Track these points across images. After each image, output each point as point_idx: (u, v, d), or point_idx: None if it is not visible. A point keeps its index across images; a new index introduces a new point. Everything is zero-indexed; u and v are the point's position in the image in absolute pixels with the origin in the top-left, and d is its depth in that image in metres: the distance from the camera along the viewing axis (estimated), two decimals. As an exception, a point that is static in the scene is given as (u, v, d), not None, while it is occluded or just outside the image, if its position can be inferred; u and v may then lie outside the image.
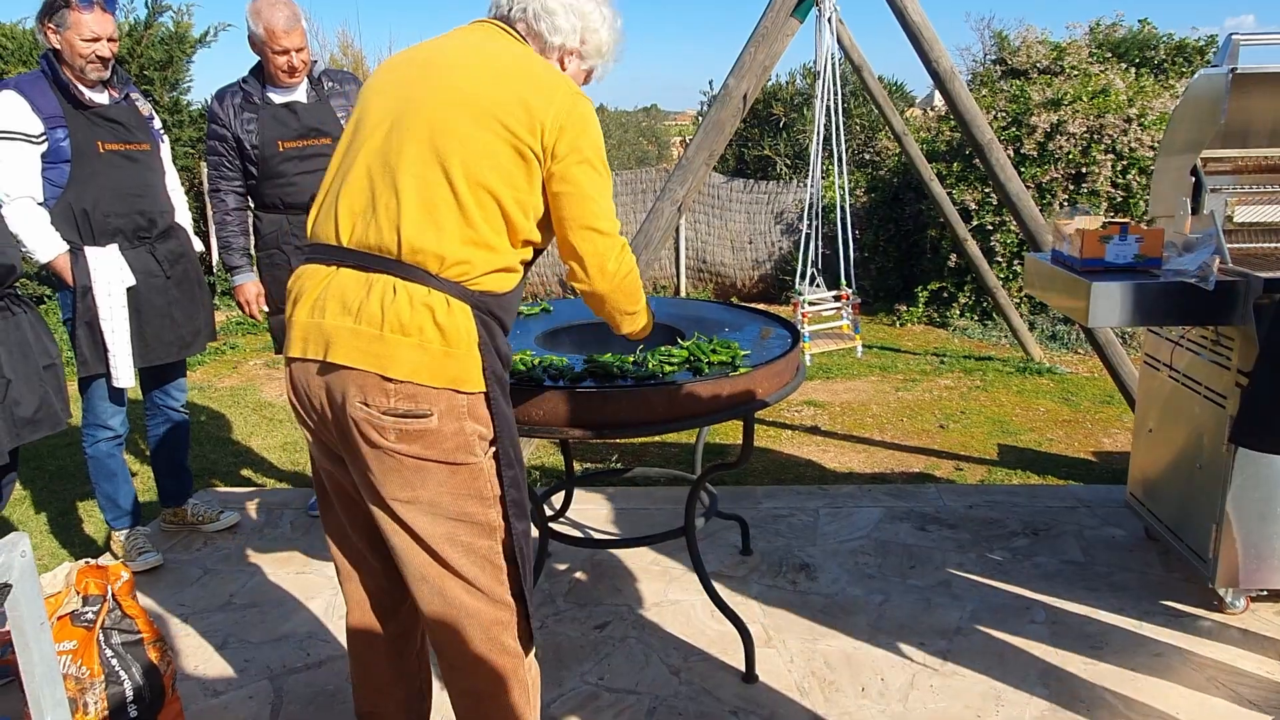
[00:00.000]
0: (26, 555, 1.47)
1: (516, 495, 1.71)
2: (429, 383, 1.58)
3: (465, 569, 1.68)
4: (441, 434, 1.60)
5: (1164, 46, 8.55)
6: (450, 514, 1.65)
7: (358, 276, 1.62)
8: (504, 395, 1.69)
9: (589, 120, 1.67)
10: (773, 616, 2.77)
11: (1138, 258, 2.52)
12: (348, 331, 1.59)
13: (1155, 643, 2.56)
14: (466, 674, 1.74)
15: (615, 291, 1.75)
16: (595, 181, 1.66)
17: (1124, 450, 4.52)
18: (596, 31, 1.80)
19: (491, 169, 1.60)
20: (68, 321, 3.02)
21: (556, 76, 1.69)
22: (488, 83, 1.63)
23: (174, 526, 3.47)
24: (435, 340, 1.58)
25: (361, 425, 1.60)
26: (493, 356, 1.65)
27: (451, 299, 1.60)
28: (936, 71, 3.85)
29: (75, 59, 2.83)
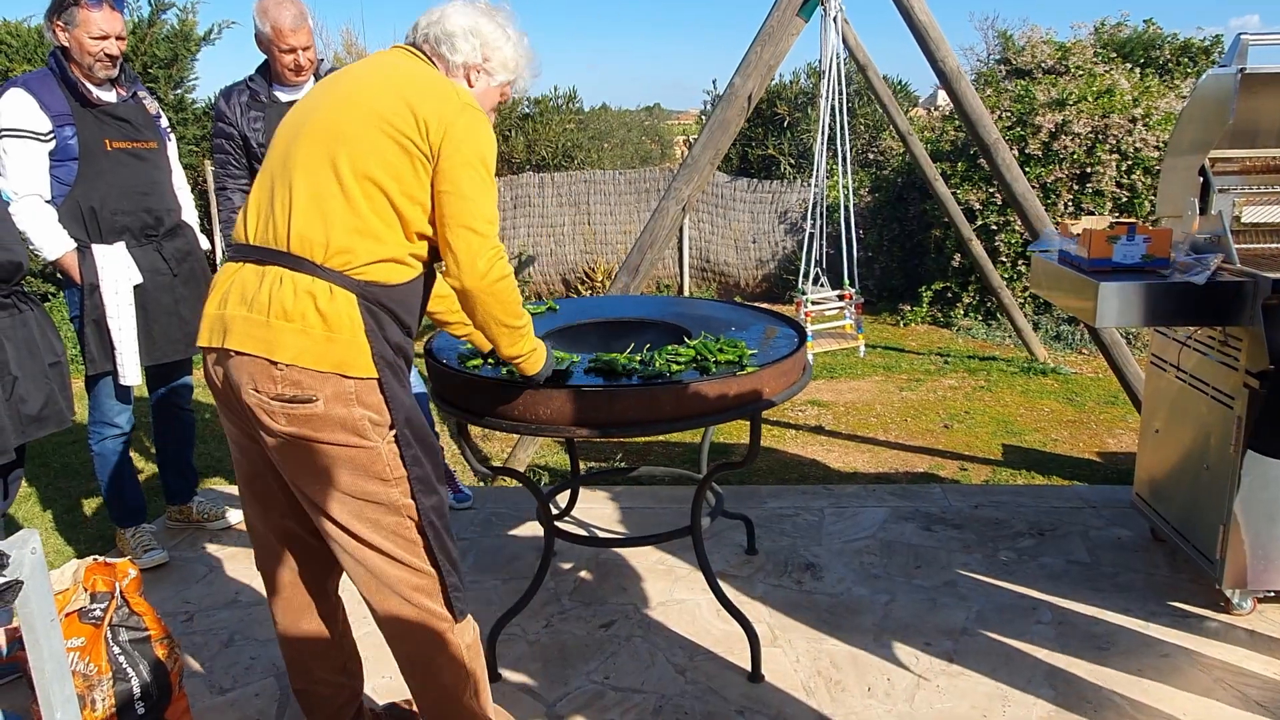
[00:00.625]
0: (37, 552, 1.47)
1: (421, 472, 1.79)
2: (313, 366, 1.68)
3: (378, 542, 1.78)
4: (329, 418, 1.70)
5: (1169, 46, 8.53)
6: (352, 493, 1.75)
7: (256, 270, 1.75)
8: (396, 379, 1.77)
9: (476, 128, 1.77)
10: (778, 616, 2.77)
11: (1145, 258, 2.52)
12: (241, 319, 1.71)
13: (1162, 644, 2.55)
14: (401, 640, 1.86)
15: (485, 293, 1.80)
16: (475, 183, 1.75)
17: (1129, 451, 4.52)
18: (499, 49, 1.93)
19: (377, 163, 1.71)
20: (75, 319, 3.02)
21: (449, 88, 1.80)
22: (378, 90, 1.77)
23: (179, 524, 3.47)
24: (317, 326, 1.68)
25: (256, 411, 1.71)
26: (383, 344, 1.74)
27: (335, 287, 1.70)
28: (943, 71, 3.84)
29: (84, 57, 2.83)
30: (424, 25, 1.92)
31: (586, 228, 9.52)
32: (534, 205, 9.60)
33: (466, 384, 2.25)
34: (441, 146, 1.72)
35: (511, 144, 10.81)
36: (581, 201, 9.55)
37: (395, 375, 1.76)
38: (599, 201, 9.55)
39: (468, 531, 3.41)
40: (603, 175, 9.63)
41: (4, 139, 2.81)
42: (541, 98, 11.12)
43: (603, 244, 9.50)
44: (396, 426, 1.76)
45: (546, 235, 9.58)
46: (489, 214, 1.77)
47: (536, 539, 3.32)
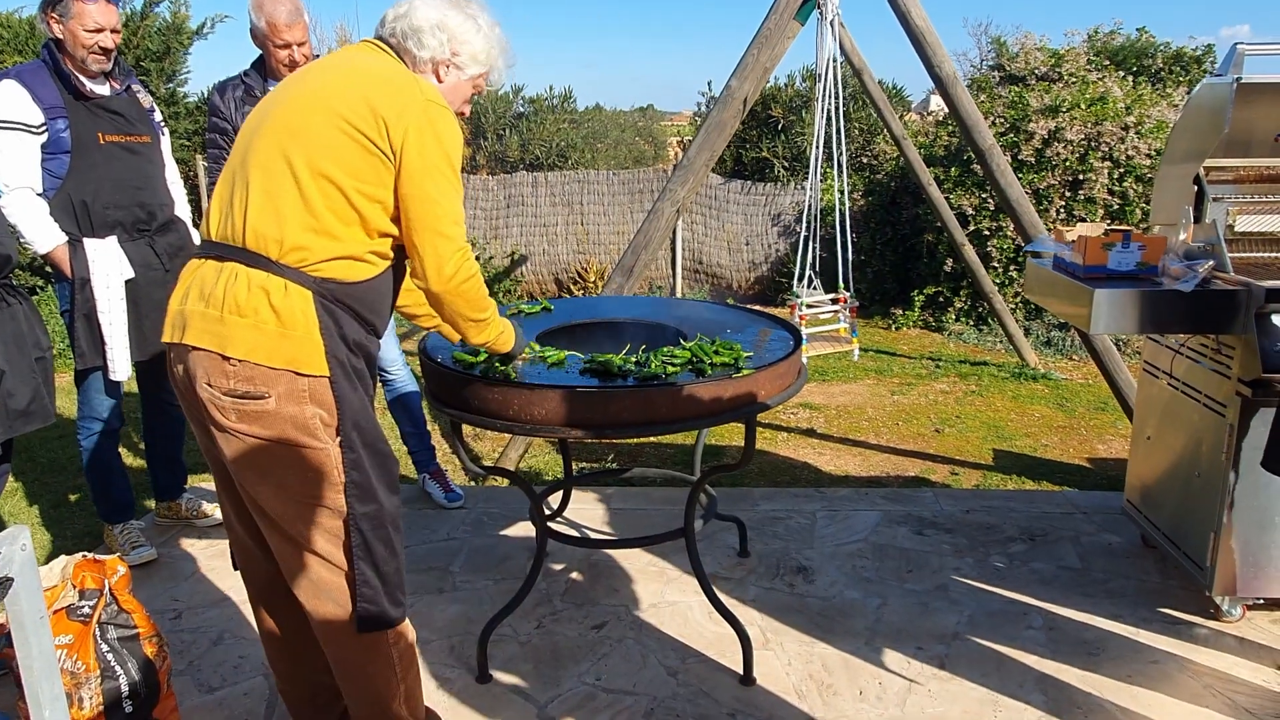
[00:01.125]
0: (27, 549, 1.45)
1: (359, 477, 1.77)
2: (265, 362, 1.67)
3: (319, 546, 1.76)
4: (280, 416, 1.69)
5: (1161, 55, 8.58)
6: (298, 496, 1.74)
7: (215, 266, 1.74)
8: (348, 379, 1.76)
9: (440, 126, 1.74)
10: (770, 619, 2.77)
11: (1140, 265, 2.53)
12: (199, 314, 1.71)
13: (1152, 650, 2.56)
14: (333, 645, 1.85)
15: (452, 294, 1.82)
16: (440, 185, 1.74)
17: (1119, 457, 4.54)
18: (467, 42, 1.89)
19: (334, 161, 1.69)
20: (65, 313, 2.99)
21: (412, 85, 1.77)
22: (339, 87, 1.74)
23: (168, 520, 3.45)
24: (270, 321, 1.67)
25: (208, 406, 1.71)
26: (337, 342, 1.73)
27: (290, 284, 1.69)
28: (939, 76, 3.85)
29: (78, 49, 2.81)
30: (391, 19, 1.88)
31: (579, 228, 9.51)
32: (527, 204, 9.59)
33: (461, 383, 2.24)
34: (404, 147, 1.70)
35: (506, 143, 10.79)
36: (575, 201, 9.54)
37: (347, 375, 1.76)
38: (592, 202, 9.54)
39: (459, 531, 3.40)
40: (596, 175, 9.63)
41: (-5, 131, 2.78)
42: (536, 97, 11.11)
43: (595, 244, 9.49)
44: (343, 429, 1.74)
45: (539, 235, 9.57)
46: (454, 214, 1.77)
47: (528, 539, 3.31)
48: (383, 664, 1.86)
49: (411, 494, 3.74)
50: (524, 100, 11.14)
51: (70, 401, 5.31)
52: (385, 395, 3.63)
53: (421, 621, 2.79)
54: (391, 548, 1.84)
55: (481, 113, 10.99)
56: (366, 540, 1.78)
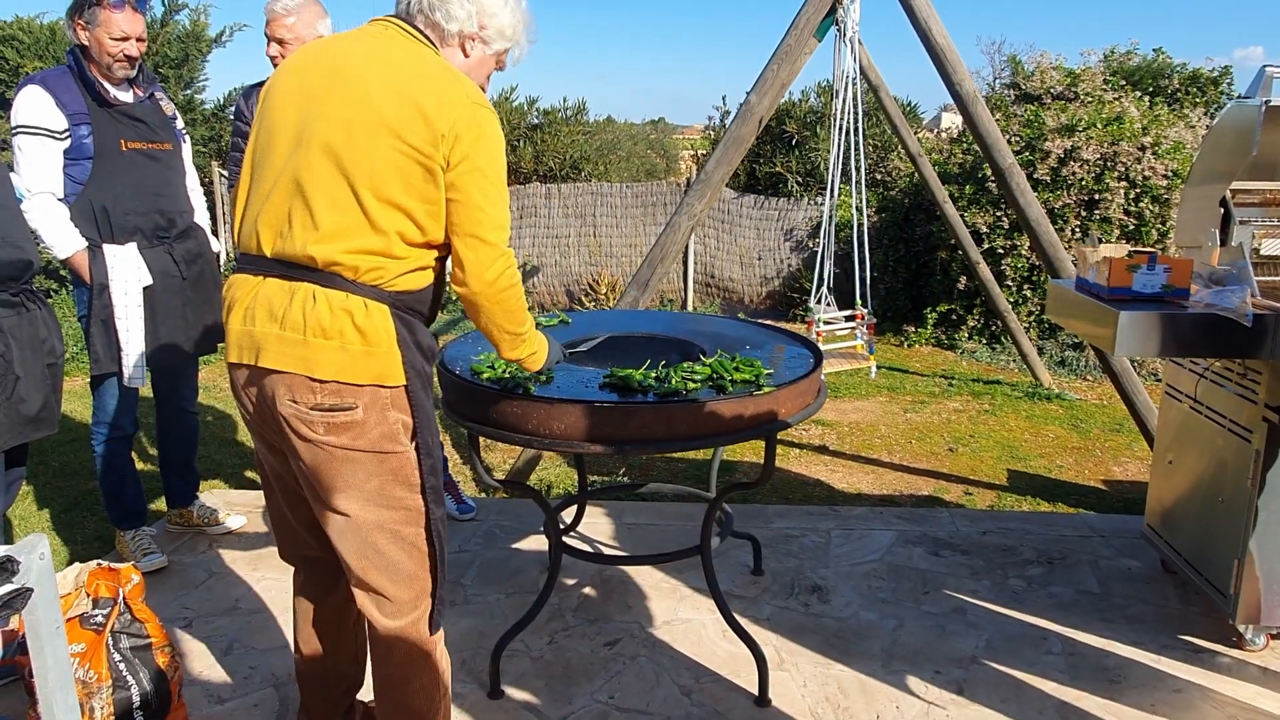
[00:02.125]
0: (45, 558, 1.44)
1: (434, 482, 1.82)
2: (353, 380, 1.70)
3: (393, 554, 1.79)
4: (367, 425, 1.72)
5: (1178, 76, 8.56)
6: (380, 501, 1.76)
7: (281, 285, 1.72)
8: (424, 388, 1.79)
9: (485, 129, 1.71)
10: (785, 639, 2.74)
11: (1166, 288, 2.50)
12: (274, 338, 1.70)
13: (1174, 678, 2.52)
14: (383, 656, 1.86)
15: (491, 302, 1.78)
16: (486, 190, 1.71)
17: (1135, 479, 4.49)
18: (495, 15, 1.83)
19: (399, 187, 1.67)
20: (82, 319, 3.00)
21: (458, 87, 1.71)
22: (388, 95, 1.68)
23: (179, 528, 3.43)
24: (356, 342, 1.69)
25: (291, 421, 1.71)
26: (413, 351, 1.76)
27: (369, 301, 1.71)
28: (959, 94, 3.84)
29: (103, 56, 2.82)
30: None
31: (592, 240, 9.52)
32: (540, 216, 9.61)
33: (479, 396, 2.22)
34: (451, 154, 1.68)
35: (520, 154, 10.82)
36: (587, 213, 9.55)
37: (423, 382, 1.79)
38: (605, 214, 9.55)
39: (471, 544, 3.38)
40: (609, 188, 9.64)
41: (19, 135, 2.79)
42: (551, 109, 11.14)
43: (607, 256, 9.50)
44: (419, 434, 1.79)
45: (552, 246, 9.58)
46: (499, 220, 1.75)
47: (540, 553, 3.29)
48: (429, 678, 1.88)
49: (423, 505, 3.72)
50: (538, 112, 11.17)
51: (84, 406, 5.32)
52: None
53: (433, 635, 2.76)
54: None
55: (496, 124, 11.03)
56: (442, 542, 1.84)
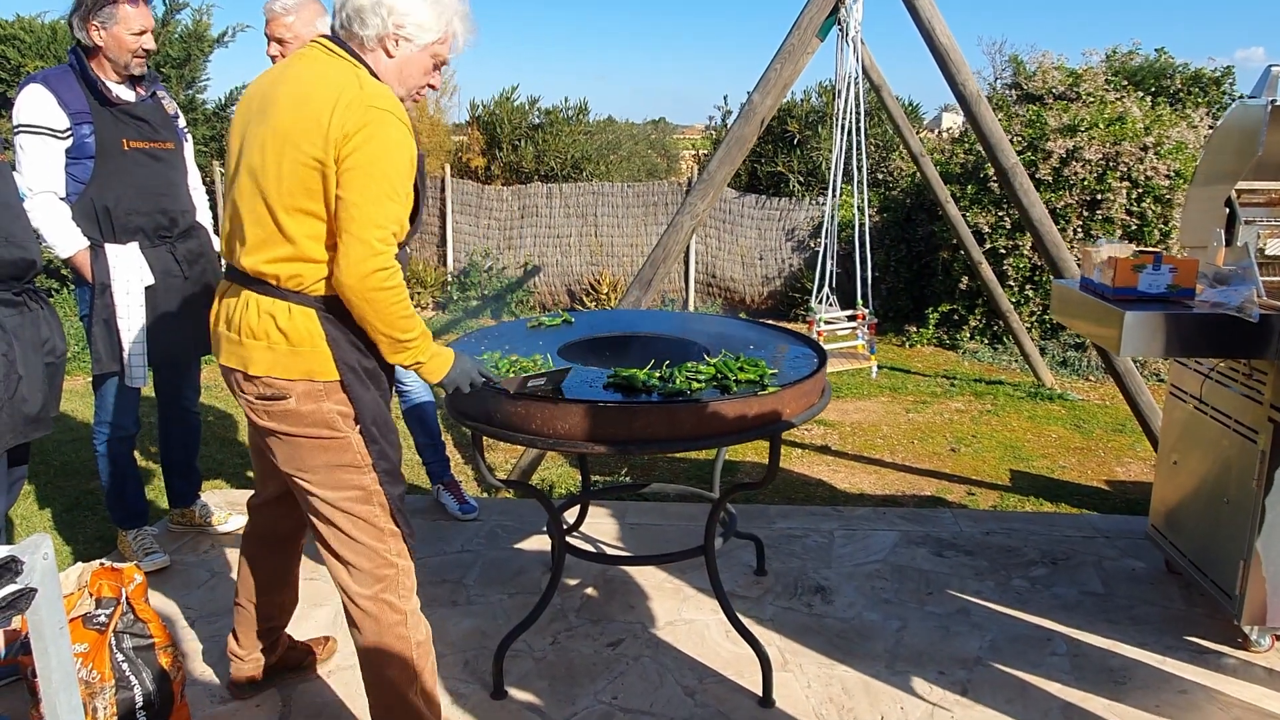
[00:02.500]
0: (49, 558, 1.43)
1: (387, 465, 1.96)
2: (283, 376, 1.88)
3: (352, 530, 1.95)
4: (303, 414, 1.90)
5: (1180, 76, 8.55)
6: (330, 481, 1.93)
7: (234, 290, 1.95)
8: (360, 381, 1.92)
9: (375, 130, 1.77)
10: (788, 640, 2.73)
11: (1171, 288, 2.49)
12: (224, 338, 1.96)
13: (1180, 680, 2.51)
14: (358, 626, 2.00)
15: (360, 299, 1.80)
16: (365, 188, 1.77)
17: (1138, 480, 4.49)
18: (409, 13, 1.89)
19: (303, 195, 1.80)
20: (84, 318, 2.99)
21: (355, 93, 1.79)
22: (291, 111, 1.82)
23: (181, 527, 3.43)
24: (280, 342, 1.87)
25: (247, 410, 1.97)
26: (346, 349, 1.89)
27: (293, 305, 1.87)
28: (963, 94, 3.83)
29: (122, 54, 2.83)
30: (339, 6, 1.91)
31: (593, 239, 9.51)
32: (541, 215, 9.60)
33: (483, 396, 2.21)
34: (340, 152, 1.76)
35: (521, 153, 10.82)
36: (589, 213, 9.54)
37: (358, 376, 1.91)
38: (606, 214, 9.54)
39: (473, 543, 3.37)
40: (610, 188, 9.63)
41: (21, 134, 2.78)
42: (552, 108, 11.13)
43: (609, 256, 9.49)
44: (362, 421, 1.92)
45: (553, 246, 9.57)
46: (376, 219, 1.77)
47: (542, 553, 3.28)
48: (401, 647, 1.99)
49: (425, 505, 3.71)
50: (540, 111, 11.17)
51: (86, 406, 5.32)
52: (400, 405, 3.61)
53: (436, 635, 2.72)
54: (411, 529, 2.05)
55: (497, 123, 11.02)
56: (405, 516, 2.00)
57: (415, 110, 10.87)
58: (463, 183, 9.85)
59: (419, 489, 4.27)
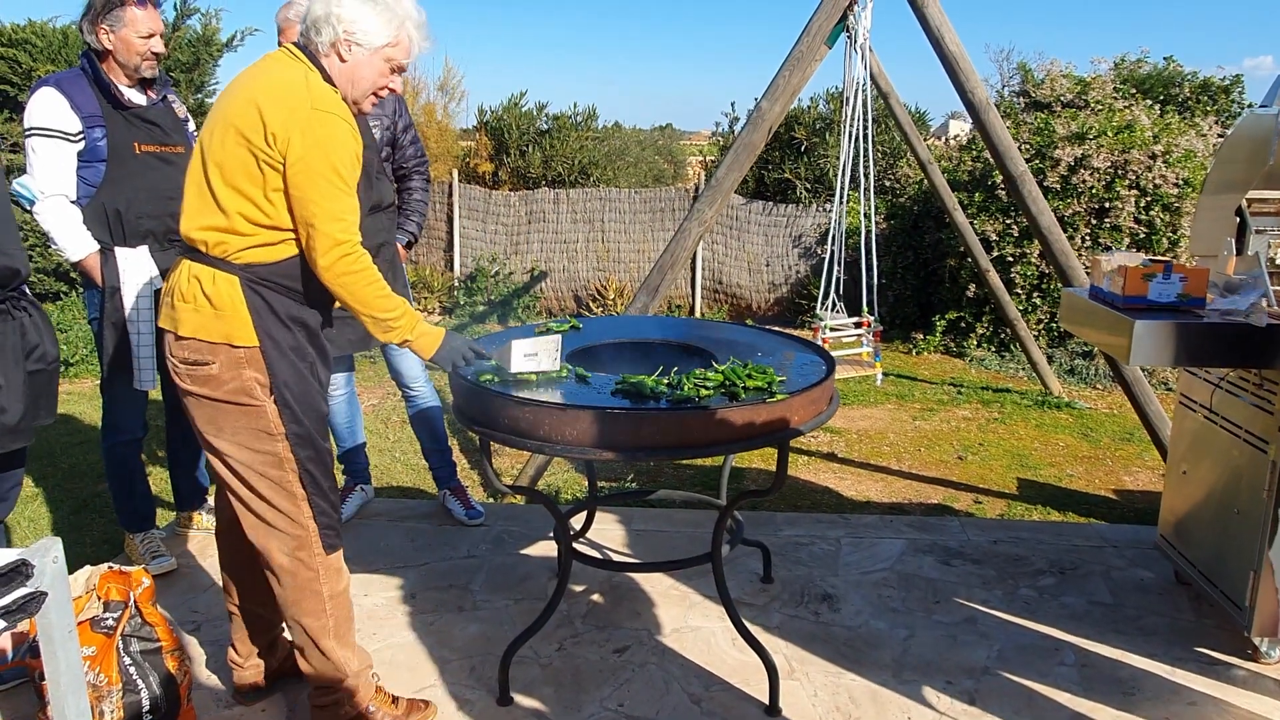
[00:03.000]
0: (59, 561, 1.44)
1: (298, 429, 2.07)
2: (206, 338, 2.01)
3: (266, 493, 2.08)
4: (222, 379, 2.02)
5: (1189, 85, 8.54)
6: (246, 445, 2.06)
7: (177, 259, 2.11)
8: (279, 351, 2.04)
9: (318, 132, 1.93)
10: (795, 648, 2.72)
11: (1181, 297, 2.48)
12: (164, 302, 2.10)
13: (1189, 691, 2.50)
14: (277, 583, 2.15)
15: (333, 284, 2.00)
16: (318, 185, 1.94)
17: (1146, 489, 4.47)
18: (357, 20, 2.02)
19: (240, 174, 1.96)
20: (94, 321, 3.00)
21: (301, 93, 1.96)
22: (240, 101, 1.98)
23: (188, 531, 3.43)
24: (205, 305, 2.00)
25: (171, 373, 2.08)
26: (268, 319, 2.02)
27: (218, 272, 2.01)
28: (971, 102, 3.83)
29: (131, 57, 2.84)
30: (304, 16, 2.06)
31: (600, 245, 9.52)
32: (549, 221, 9.61)
33: (492, 401, 2.22)
34: (286, 153, 1.92)
35: (528, 159, 10.84)
36: (596, 219, 9.56)
37: (277, 346, 2.04)
38: (613, 219, 9.55)
39: (479, 549, 3.37)
40: (617, 193, 9.65)
41: (33, 137, 2.79)
42: (560, 114, 11.16)
43: (616, 262, 9.50)
44: (275, 389, 2.04)
45: (560, 251, 9.58)
46: (333, 212, 1.95)
47: (548, 558, 3.28)
48: (313, 601, 2.14)
49: (431, 509, 3.71)
50: (547, 117, 11.19)
51: (93, 408, 5.33)
52: (408, 410, 3.62)
53: (441, 640, 2.76)
54: (333, 484, 2.17)
55: (505, 129, 11.05)
56: (315, 478, 2.11)
57: (423, 115, 10.90)
58: (470, 188, 9.87)
59: (425, 494, 4.28)
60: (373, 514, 3.66)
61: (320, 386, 2.16)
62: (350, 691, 2.22)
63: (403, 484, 4.47)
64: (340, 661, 2.20)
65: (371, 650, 2.69)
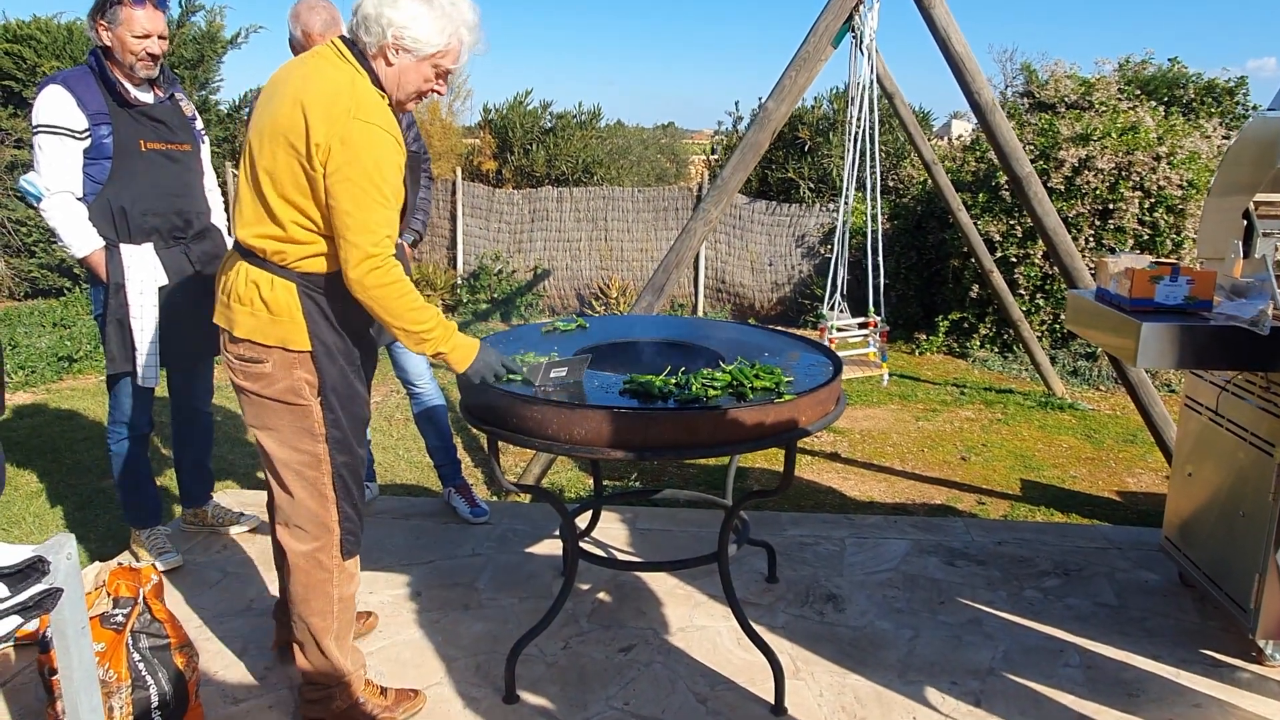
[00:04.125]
0: (72, 558, 1.44)
1: (338, 435, 2.12)
2: (261, 340, 2.05)
3: (299, 493, 2.13)
4: (275, 378, 2.07)
5: (1193, 86, 8.53)
6: (288, 444, 2.11)
7: (233, 258, 2.12)
8: (328, 354, 2.07)
9: (357, 142, 1.90)
10: (800, 648, 2.72)
11: (1188, 299, 2.49)
12: (219, 300, 2.15)
13: (1194, 693, 2.50)
14: (292, 575, 2.21)
15: (365, 297, 1.98)
16: (354, 196, 1.91)
17: (1149, 491, 4.47)
18: (408, 26, 1.96)
19: (290, 183, 1.96)
20: (98, 317, 3.00)
21: (344, 101, 1.91)
22: (288, 105, 1.94)
23: (194, 527, 3.43)
24: (262, 310, 2.04)
25: (227, 368, 2.14)
26: (321, 325, 2.05)
27: (276, 278, 2.03)
28: (978, 103, 3.83)
29: (126, 56, 2.83)
30: (353, 10, 2.00)
31: (603, 244, 9.52)
32: (552, 219, 9.61)
33: (499, 401, 2.22)
34: (327, 163, 1.90)
35: (532, 157, 10.84)
36: (599, 218, 9.55)
37: (328, 351, 2.07)
38: (616, 218, 9.55)
39: (484, 547, 3.37)
40: (621, 192, 9.64)
41: (40, 135, 2.80)
42: (564, 113, 11.15)
43: (618, 260, 9.50)
44: (324, 392, 2.08)
45: (563, 249, 9.58)
46: (366, 224, 1.91)
47: (553, 557, 3.28)
48: (322, 601, 2.20)
49: (436, 507, 3.72)
50: (551, 115, 11.19)
51: (97, 405, 5.34)
52: (412, 408, 3.62)
53: (447, 639, 2.76)
54: (362, 493, 2.23)
55: (509, 127, 11.05)
56: (346, 484, 2.16)
57: (427, 113, 10.89)
58: (474, 186, 9.88)
59: (430, 492, 4.28)
60: (377, 512, 3.66)
61: (364, 391, 2.19)
62: (343, 687, 2.27)
63: (407, 481, 4.48)
64: (337, 662, 2.24)
65: (377, 647, 2.70)
